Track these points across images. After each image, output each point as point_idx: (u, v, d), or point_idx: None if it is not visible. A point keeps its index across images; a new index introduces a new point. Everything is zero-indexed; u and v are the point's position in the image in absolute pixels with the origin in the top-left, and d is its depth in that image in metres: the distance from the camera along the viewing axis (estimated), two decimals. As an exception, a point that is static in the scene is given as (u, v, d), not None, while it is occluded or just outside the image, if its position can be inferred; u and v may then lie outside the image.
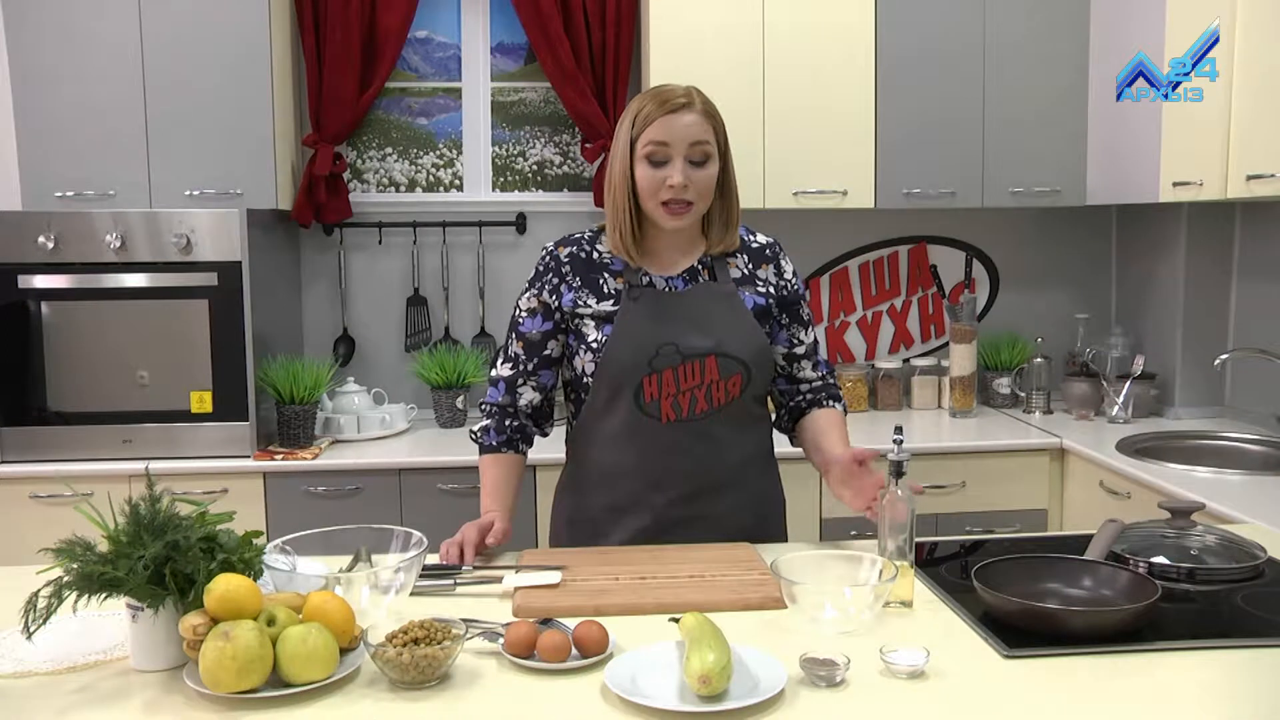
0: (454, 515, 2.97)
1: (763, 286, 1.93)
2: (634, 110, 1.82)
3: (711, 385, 1.84)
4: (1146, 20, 3.05)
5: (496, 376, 1.95)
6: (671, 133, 1.79)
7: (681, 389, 1.83)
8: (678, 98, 1.81)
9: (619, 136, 1.85)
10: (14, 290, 2.93)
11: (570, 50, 3.36)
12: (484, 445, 1.95)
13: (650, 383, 1.82)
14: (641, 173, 1.81)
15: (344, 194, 3.44)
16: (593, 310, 1.86)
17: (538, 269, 1.92)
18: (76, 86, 3.04)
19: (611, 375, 1.84)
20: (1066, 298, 3.76)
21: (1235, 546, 1.81)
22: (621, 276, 1.88)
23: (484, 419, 1.96)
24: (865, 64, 3.27)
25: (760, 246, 1.97)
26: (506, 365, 1.94)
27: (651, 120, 1.79)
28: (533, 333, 1.90)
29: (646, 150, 1.80)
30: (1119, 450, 2.91)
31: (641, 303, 1.85)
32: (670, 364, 1.82)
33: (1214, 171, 2.75)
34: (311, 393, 3.11)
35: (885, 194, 3.32)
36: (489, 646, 1.44)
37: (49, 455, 2.95)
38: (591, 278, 1.88)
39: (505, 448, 1.95)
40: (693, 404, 1.84)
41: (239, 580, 1.35)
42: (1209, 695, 1.34)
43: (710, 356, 1.84)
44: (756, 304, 1.91)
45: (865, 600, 1.48)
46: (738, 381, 1.86)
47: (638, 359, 1.82)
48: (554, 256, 1.91)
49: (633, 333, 1.83)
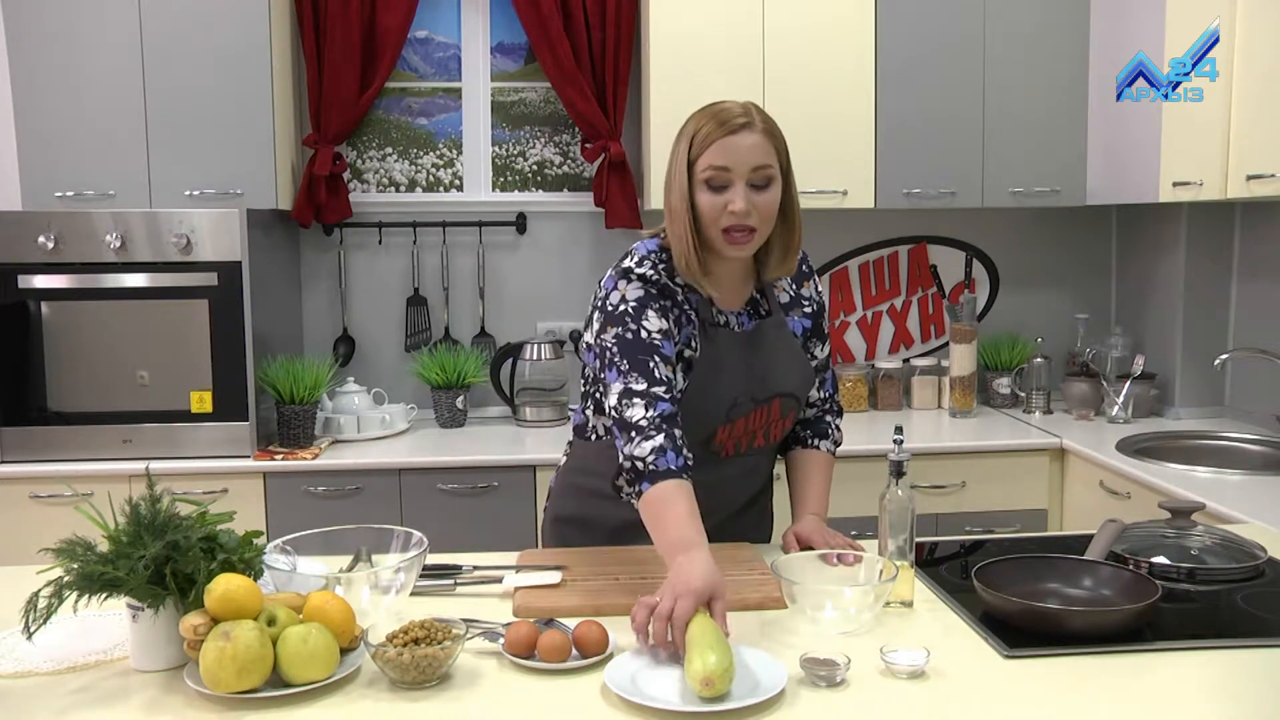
0: (454, 515, 3.00)
1: (807, 306, 1.92)
2: (690, 131, 1.71)
3: (772, 424, 1.85)
4: (1146, 20, 3.05)
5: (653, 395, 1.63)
6: (732, 156, 1.67)
7: (748, 431, 1.82)
8: (737, 118, 1.68)
9: (675, 159, 1.73)
10: (14, 290, 2.93)
11: (570, 50, 3.36)
12: (661, 470, 1.57)
13: (724, 430, 1.79)
14: (702, 199, 1.69)
15: (344, 194, 3.44)
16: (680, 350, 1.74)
17: (649, 291, 1.72)
18: (76, 86, 3.04)
19: (689, 424, 1.69)
20: (1066, 298, 3.76)
21: (1235, 546, 1.81)
22: (698, 313, 1.76)
23: (655, 437, 1.59)
24: (865, 64, 3.27)
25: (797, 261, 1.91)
26: (659, 387, 1.64)
27: (710, 142, 1.68)
28: (671, 355, 1.70)
29: (706, 175, 1.68)
30: (1119, 450, 2.91)
31: (718, 347, 1.76)
32: (743, 413, 1.79)
33: (1214, 171, 2.75)
34: (311, 393, 3.10)
35: (885, 194, 3.32)
36: (489, 646, 1.44)
37: (49, 455, 2.95)
38: (667, 304, 1.74)
39: (686, 474, 1.59)
40: (752, 440, 1.84)
41: (239, 580, 1.35)
42: (1209, 695, 1.34)
43: (776, 399, 1.82)
44: (804, 327, 1.90)
45: (865, 600, 1.48)
46: (792, 416, 1.88)
47: (716, 409, 1.76)
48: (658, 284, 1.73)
49: (713, 383, 1.75)
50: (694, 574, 1.42)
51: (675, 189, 1.72)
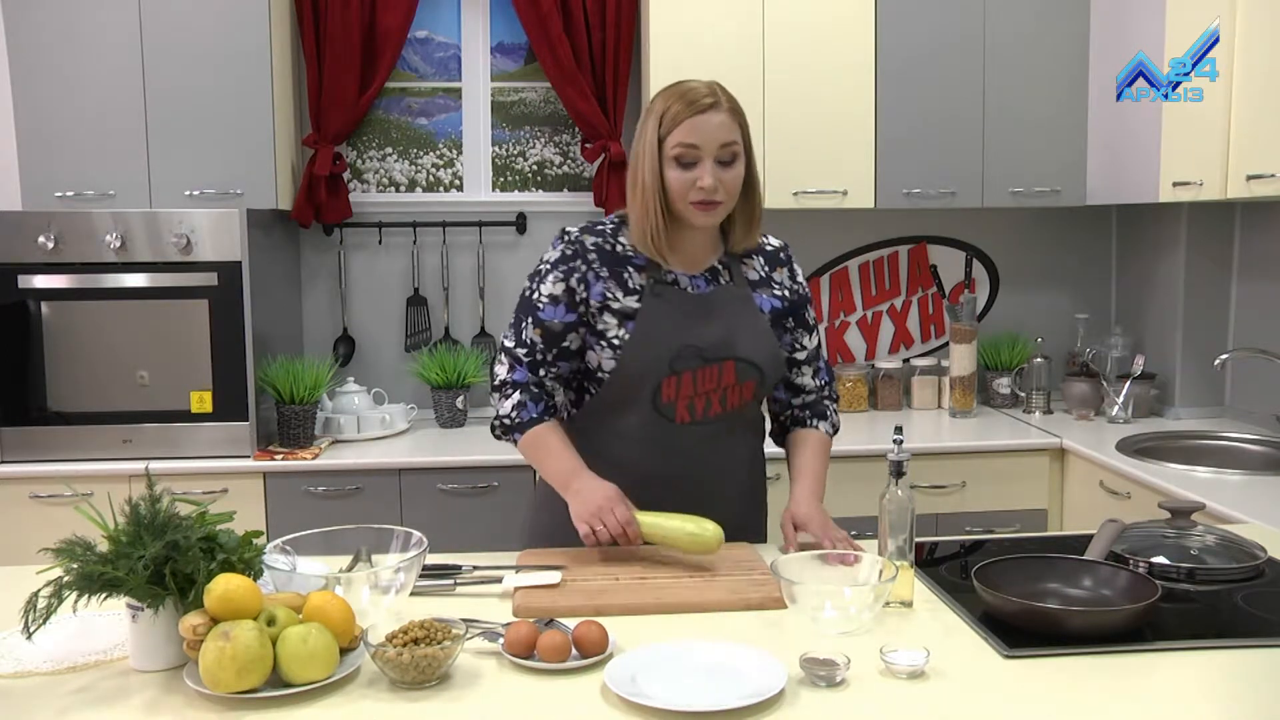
0: (454, 515, 3.00)
1: (778, 290, 1.94)
2: (659, 109, 1.79)
3: (727, 390, 1.85)
4: (1146, 20, 3.05)
5: (516, 354, 1.85)
6: (701, 134, 1.76)
7: (698, 391, 1.83)
8: (704, 97, 1.77)
9: (644, 136, 1.80)
10: (14, 290, 2.93)
11: (570, 50, 3.36)
12: (525, 421, 1.83)
13: (669, 384, 1.82)
14: (672, 174, 1.78)
15: (344, 194, 3.44)
16: (619, 305, 1.83)
17: (564, 253, 1.85)
18: (76, 86, 3.04)
19: (632, 373, 1.82)
20: (1066, 298, 3.76)
21: (1235, 546, 1.81)
22: (645, 272, 1.86)
23: (510, 394, 1.84)
24: (865, 64, 3.27)
25: (774, 250, 1.98)
26: (522, 349, 1.85)
27: (680, 121, 1.76)
28: (554, 322, 1.83)
29: (676, 152, 1.77)
30: (1119, 450, 2.91)
31: (665, 301, 1.83)
32: (690, 366, 1.82)
33: (1214, 171, 2.75)
34: (311, 393, 3.10)
35: (885, 194, 3.32)
36: (489, 646, 1.44)
37: (49, 455, 2.95)
38: (616, 270, 1.84)
39: (547, 416, 1.85)
40: (707, 406, 1.85)
41: (239, 580, 1.35)
42: (1209, 695, 1.34)
43: (729, 361, 1.84)
44: (773, 307, 1.92)
45: (865, 600, 1.48)
46: (751, 386, 1.88)
47: (660, 359, 1.81)
48: (580, 244, 1.85)
49: (656, 332, 1.82)
50: (597, 492, 1.75)
51: (645, 165, 1.80)
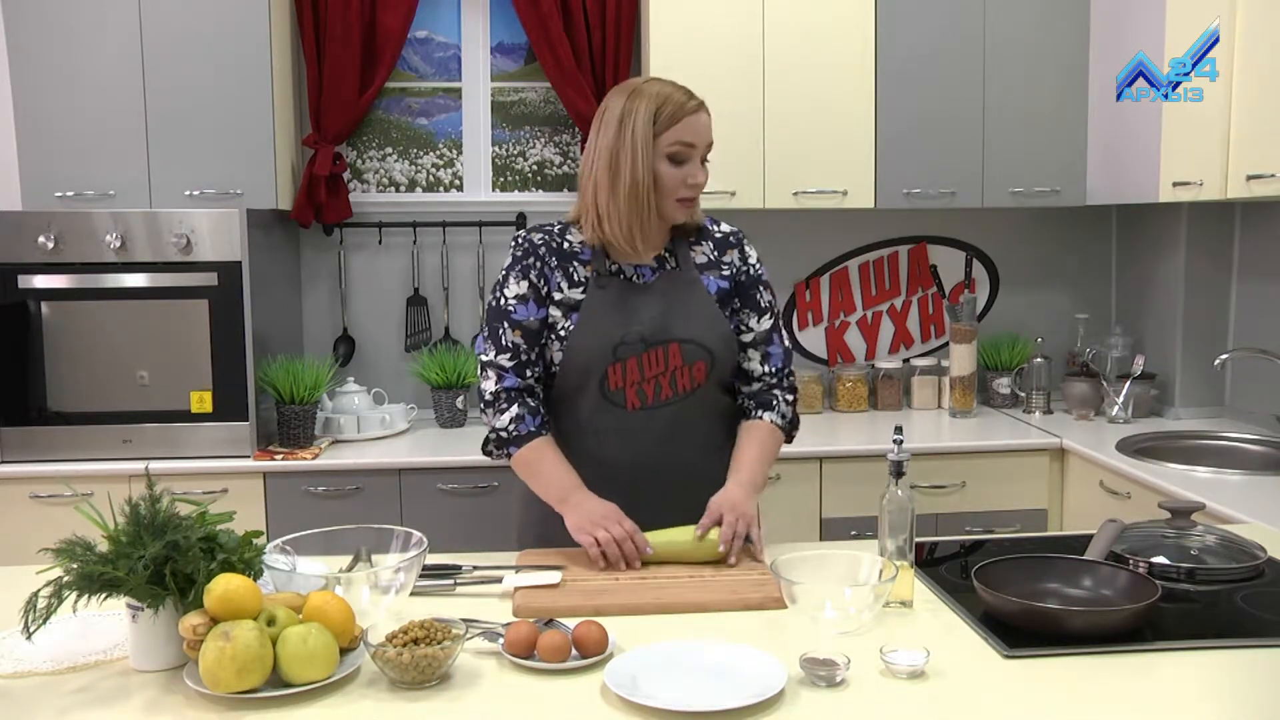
0: (454, 515, 3.00)
1: (727, 270, 1.96)
2: (651, 107, 1.82)
3: (675, 371, 1.87)
4: (1146, 20, 3.04)
5: (499, 365, 1.87)
6: (697, 134, 1.84)
7: (646, 376, 1.86)
8: (692, 98, 1.86)
9: (634, 132, 1.82)
10: (14, 290, 2.93)
11: (570, 50, 3.36)
12: (523, 434, 1.85)
13: (615, 371, 1.85)
14: (665, 171, 1.83)
15: (344, 194, 3.44)
16: (564, 297, 1.87)
17: (515, 255, 1.90)
18: (76, 86, 3.04)
19: (577, 363, 1.86)
20: (1066, 298, 3.76)
21: (1235, 546, 1.81)
22: (590, 265, 1.89)
23: (506, 407, 1.85)
24: (865, 64, 3.26)
25: (725, 235, 2.00)
26: (505, 355, 1.87)
27: (677, 120, 1.82)
28: (530, 320, 1.87)
29: (673, 150, 1.83)
30: (1119, 450, 2.91)
31: (608, 291, 1.88)
32: (634, 352, 1.85)
33: (1214, 171, 2.75)
34: (311, 393, 3.10)
35: (885, 194, 3.32)
36: (489, 646, 1.44)
37: (49, 455, 2.95)
38: (564, 265, 1.89)
39: (544, 430, 1.87)
40: (657, 391, 1.87)
41: (239, 580, 1.35)
42: (1209, 695, 1.34)
43: (674, 343, 1.86)
44: (720, 288, 1.94)
45: (865, 600, 1.48)
46: (702, 368, 1.88)
47: (603, 347, 1.84)
48: (529, 241, 1.90)
49: (598, 321, 1.85)
50: (595, 508, 1.77)
51: (638, 162, 1.82)
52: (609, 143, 1.84)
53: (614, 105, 1.86)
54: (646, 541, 1.75)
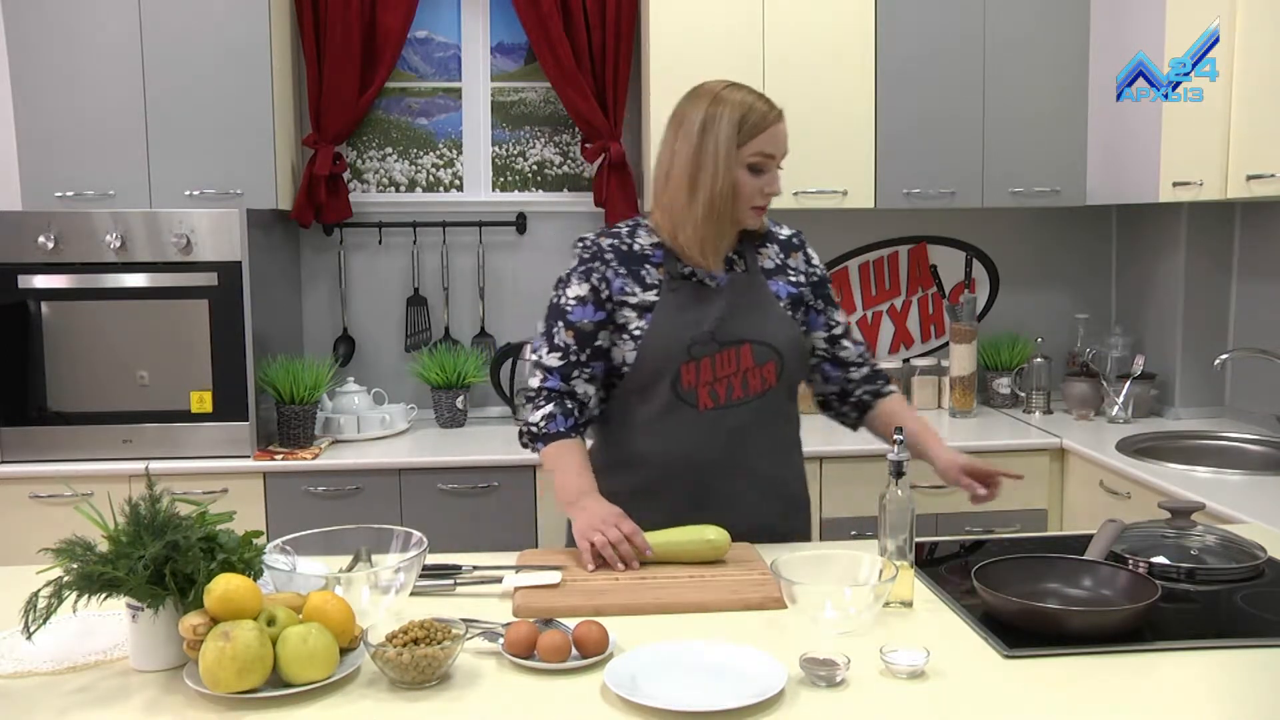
0: (454, 515, 3.00)
1: (794, 275, 1.99)
2: (735, 117, 1.82)
3: (747, 372, 1.88)
4: (1146, 20, 3.04)
5: (546, 365, 1.89)
6: (777, 144, 1.86)
7: (718, 376, 1.87)
8: (774, 108, 1.87)
9: (717, 142, 1.82)
10: (14, 290, 2.93)
11: (570, 50, 3.36)
12: (552, 433, 1.88)
13: (688, 370, 1.86)
14: (743, 180, 1.84)
15: (344, 194, 3.44)
16: (637, 299, 1.88)
17: (581, 257, 1.91)
18: (76, 86, 3.04)
19: (651, 362, 1.86)
20: (1066, 298, 3.76)
21: (1235, 546, 1.81)
22: (662, 268, 1.90)
23: (543, 405, 1.89)
24: (865, 64, 3.26)
25: (787, 237, 2.04)
26: (555, 355, 1.89)
27: (760, 130, 1.83)
28: (584, 322, 1.88)
29: (754, 160, 1.84)
30: (1119, 450, 2.91)
31: (680, 293, 1.88)
32: (707, 352, 1.86)
33: (1214, 171, 2.75)
34: (311, 393, 3.10)
35: (885, 194, 3.32)
36: (489, 646, 1.44)
37: (49, 455, 2.95)
38: (634, 269, 1.90)
39: (574, 433, 1.89)
40: (729, 391, 1.88)
41: (239, 580, 1.35)
42: (1209, 695, 1.34)
43: (745, 344, 1.88)
44: (790, 293, 1.97)
45: (865, 600, 1.48)
46: (772, 369, 1.90)
47: (677, 346, 1.86)
48: (597, 245, 1.91)
49: (672, 321, 1.86)
50: (599, 511, 1.77)
51: (719, 170, 1.83)
52: (690, 151, 1.84)
53: (694, 112, 1.85)
54: (647, 543, 1.75)
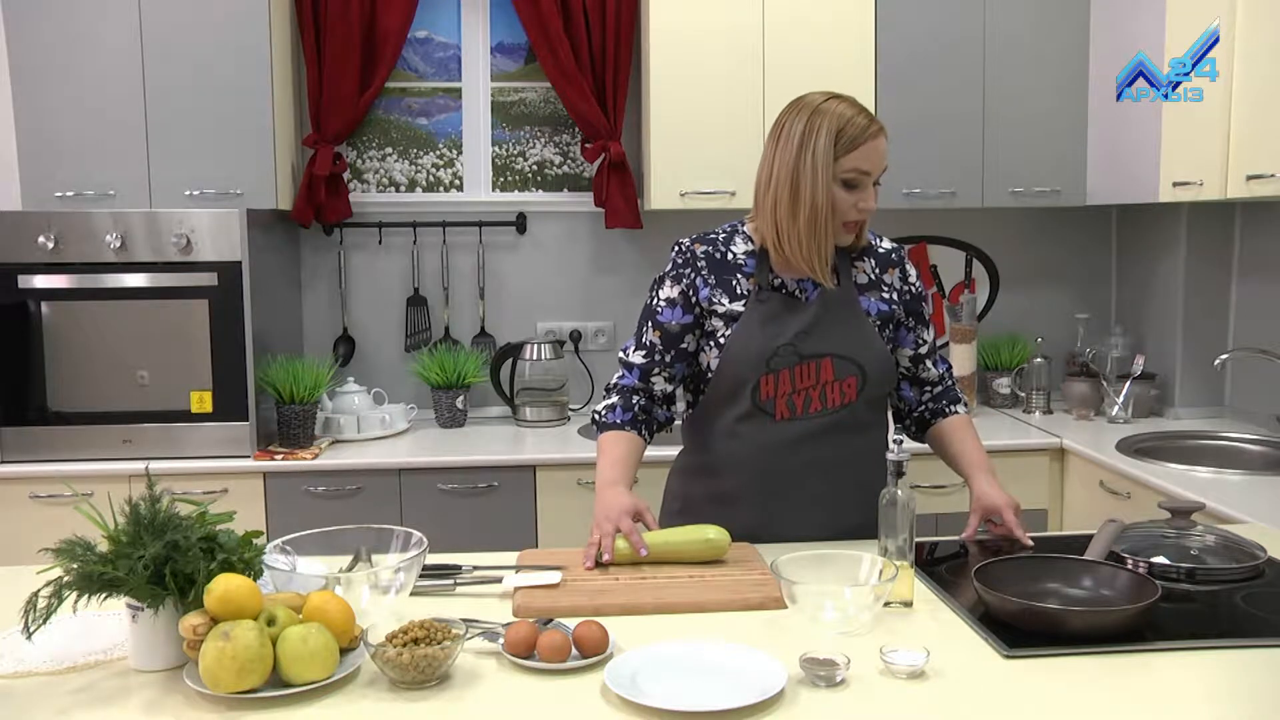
0: (454, 515, 3.00)
1: (887, 292, 1.96)
2: (833, 129, 1.81)
3: (826, 386, 1.88)
4: (1146, 20, 3.04)
5: (630, 362, 1.95)
6: (873, 160, 1.84)
7: (797, 388, 1.87)
8: (874, 123, 1.84)
9: (814, 155, 1.81)
10: (14, 290, 2.93)
11: (570, 50, 3.36)
12: (607, 423, 1.94)
13: (767, 381, 1.86)
14: (837, 194, 1.83)
15: (344, 194, 3.44)
16: (725, 309, 1.89)
17: (675, 261, 1.94)
18: (76, 86, 3.04)
19: (732, 372, 1.87)
20: (1066, 298, 3.76)
21: (1235, 546, 1.81)
22: (754, 278, 1.90)
23: (611, 397, 1.96)
24: (865, 63, 3.26)
25: (886, 252, 2.01)
26: (640, 353, 1.94)
27: (857, 145, 1.82)
28: (672, 324, 1.91)
29: (849, 175, 1.83)
30: (1119, 450, 2.91)
31: (768, 305, 1.88)
32: (787, 364, 1.86)
33: (1214, 171, 2.75)
34: (311, 393, 3.11)
35: (885, 194, 3.27)
36: (489, 646, 1.44)
37: (49, 455, 2.95)
38: (725, 278, 1.91)
39: (629, 426, 1.93)
40: (807, 403, 1.88)
41: (239, 580, 1.35)
42: (1209, 695, 1.34)
43: (826, 358, 1.87)
44: (880, 310, 1.94)
45: (865, 600, 1.48)
46: (853, 384, 1.89)
47: (757, 357, 1.86)
48: (690, 252, 1.93)
49: (754, 333, 1.87)
50: (614, 502, 1.80)
51: (818, 184, 1.82)
52: (790, 163, 1.84)
53: (794, 123, 1.84)
54: (644, 543, 1.75)
